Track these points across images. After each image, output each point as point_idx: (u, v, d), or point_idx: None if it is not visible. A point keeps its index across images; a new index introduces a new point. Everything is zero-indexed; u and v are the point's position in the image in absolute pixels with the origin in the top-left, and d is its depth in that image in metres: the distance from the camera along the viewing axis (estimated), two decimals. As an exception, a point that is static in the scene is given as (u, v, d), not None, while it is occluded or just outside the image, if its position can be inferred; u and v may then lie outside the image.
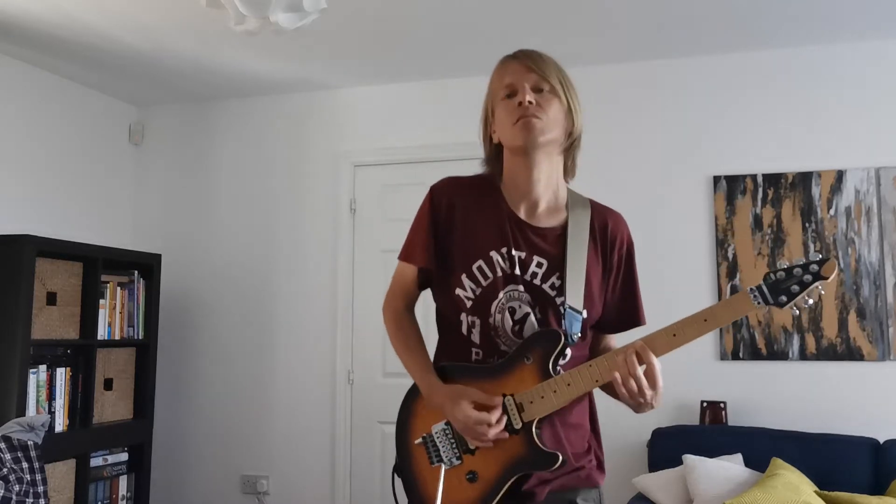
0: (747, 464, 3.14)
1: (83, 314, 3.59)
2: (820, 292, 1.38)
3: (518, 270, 1.54)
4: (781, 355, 3.50)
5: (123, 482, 3.82)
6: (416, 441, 1.55)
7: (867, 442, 3.16)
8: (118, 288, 3.79)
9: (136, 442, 3.86)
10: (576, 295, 1.52)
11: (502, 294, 1.53)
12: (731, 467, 3.07)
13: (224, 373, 4.27)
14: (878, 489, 3.05)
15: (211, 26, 3.38)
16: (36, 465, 2.94)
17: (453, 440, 1.51)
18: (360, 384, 4.05)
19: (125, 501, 3.82)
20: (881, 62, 3.55)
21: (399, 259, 1.67)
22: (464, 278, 1.55)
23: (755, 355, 3.53)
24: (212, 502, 4.19)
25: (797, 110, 3.62)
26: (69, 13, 3.29)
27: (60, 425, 3.45)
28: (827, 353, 3.45)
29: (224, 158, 4.44)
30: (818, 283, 1.37)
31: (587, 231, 1.57)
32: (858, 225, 3.48)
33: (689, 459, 3.11)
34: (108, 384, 3.73)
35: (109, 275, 3.74)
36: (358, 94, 4.24)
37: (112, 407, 3.75)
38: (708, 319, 1.40)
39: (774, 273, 1.39)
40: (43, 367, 3.37)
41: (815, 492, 2.89)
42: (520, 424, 1.46)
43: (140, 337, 3.90)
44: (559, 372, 1.48)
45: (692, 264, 3.66)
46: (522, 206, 1.58)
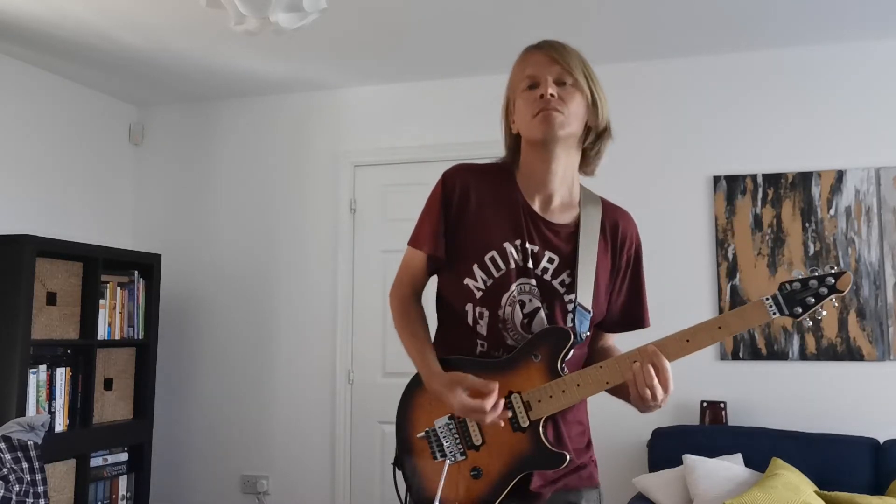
0: (747, 464, 3.14)
1: (83, 314, 3.59)
2: (833, 305, 1.39)
3: (531, 264, 1.52)
4: (781, 355, 3.50)
5: (123, 482, 3.82)
6: (419, 435, 1.53)
7: (867, 442, 3.16)
8: (118, 288, 3.79)
9: (136, 442, 3.86)
10: (586, 293, 1.51)
11: (514, 287, 1.51)
12: (731, 467, 3.07)
13: (224, 373, 4.27)
14: (878, 489, 3.05)
15: (211, 26, 3.38)
16: (36, 465, 2.94)
17: (457, 435, 1.50)
18: (360, 384, 4.05)
19: (125, 501, 3.82)
20: (881, 62, 3.55)
21: (408, 245, 1.62)
22: (475, 268, 1.53)
23: (755, 355, 3.53)
24: (212, 502, 4.19)
25: (797, 110, 3.62)
26: (69, 13, 3.29)
27: (60, 425, 3.45)
28: (827, 353, 3.45)
29: (224, 158, 4.45)
30: (833, 296, 1.37)
31: (598, 230, 1.56)
32: (858, 225, 3.48)
33: (689, 459, 3.11)
34: (108, 384, 3.73)
35: (109, 275, 3.74)
36: (358, 94, 4.24)
37: (112, 407, 3.75)
38: (722, 327, 1.40)
39: (790, 284, 1.39)
40: (43, 367, 3.37)
41: (815, 492, 2.89)
42: (527, 423, 1.45)
43: (140, 337, 3.90)
44: (565, 371, 1.47)
45: (692, 264, 3.66)
46: (537, 199, 1.57)
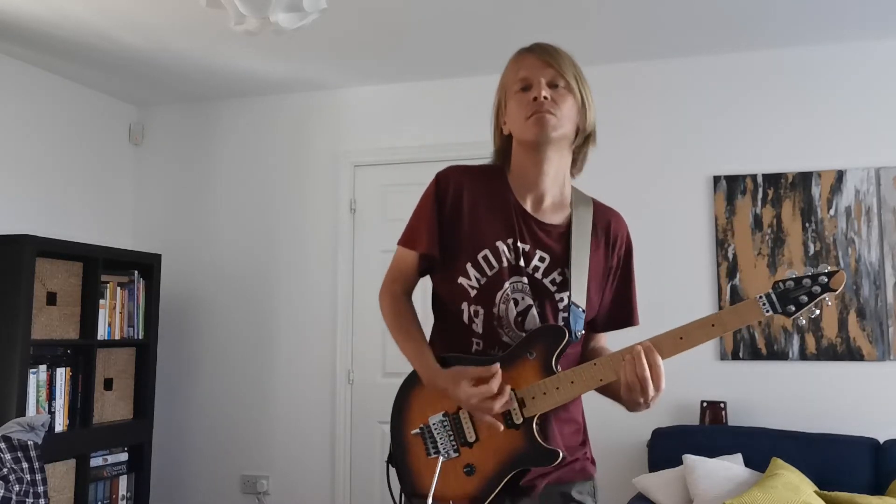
0: (747, 464, 3.14)
1: (83, 314, 3.59)
2: (826, 304, 1.39)
3: (522, 262, 1.54)
4: (781, 355, 3.50)
5: (123, 482, 3.82)
6: (413, 432, 1.54)
7: (867, 442, 3.16)
8: (118, 288, 3.79)
9: (136, 442, 3.86)
10: (579, 292, 1.53)
11: (507, 285, 1.53)
12: (731, 467, 3.07)
13: (224, 373, 4.27)
14: (878, 489, 3.05)
15: (211, 26, 3.38)
16: (36, 465, 2.94)
17: (451, 432, 1.51)
18: (360, 384, 4.05)
19: (125, 501, 3.82)
20: (882, 62, 3.55)
21: (399, 244, 1.63)
22: (468, 267, 1.54)
23: (755, 355, 3.53)
24: (212, 502, 4.19)
25: (797, 110, 3.62)
26: (69, 13, 3.29)
27: (60, 425, 3.45)
28: (827, 353, 3.45)
29: (224, 158, 4.45)
30: (826, 295, 1.38)
31: (589, 229, 1.58)
32: (858, 225, 3.48)
33: (689, 459, 3.11)
34: (108, 384, 3.73)
35: (109, 275, 3.74)
36: (358, 94, 4.24)
37: (112, 407, 3.75)
38: (716, 325, 1.41)
39: (784, 282, 1.40)
40: (43, 367, 3.37)
41: (815, 492, 2.89)
42: (520, 420, 1.46)
43: (140, 337, 3.90)
44: (559, 369, 1.48)
45: (692, 264, 3.66)
46: (529, 199, 1.58)
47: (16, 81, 3.82)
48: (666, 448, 3.31)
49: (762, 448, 3.18)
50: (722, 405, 3.42)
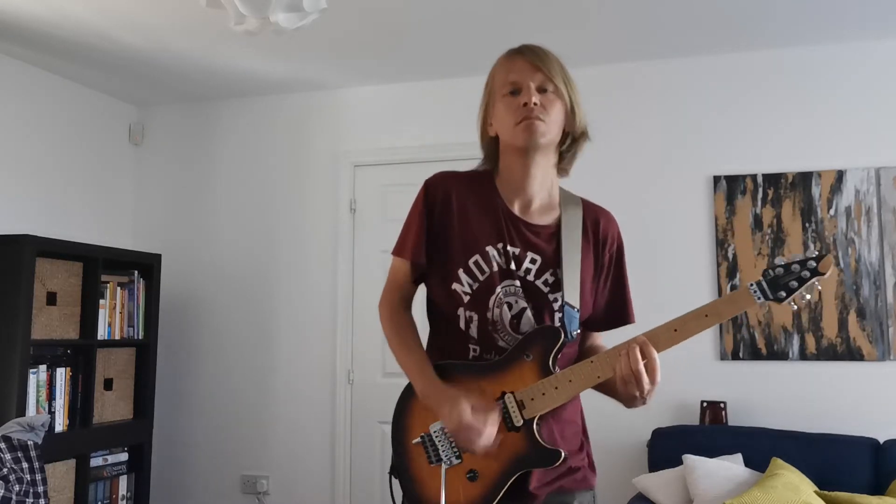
0: (747, 464, 3.14)
1: (83, 314, 3.59)
2: (818, 288, 1.40)
3: (513, 266, 1.54)
4: (781, 355, 3.50)
5: (123, 482, 3.82)
6: (415, 441, 1.53)
7: (867, 442, 3.16)
8: (118, 288, 3.79)
9: (136, 442, 3.86)
10: (572, 292, 1.53)
11: (499, 289, 1.53)
12: (731, 467, 3.07)
13: (224, 373, 4.27)
14: (878, 489, 3.05)
15: (211, 26, 3.38)
16: (36, 465, 2.94)
17: (452, 439, 1.50)
18: (360, 384, 4.05)
19: (125, 501, 3.82)
20: (881, 62, 3.55)
21: (392, 254, 1.65)
22: (460, 273, 1.55)
23: (755, 355, 3.53)
24: (212, 502, 4.19)
25: (797, 110, 3.62)
26: (69, 13, 3.29)
27: (60, 425, 3.45)
28: (827, 353, 3.45)
29: (224, 158, 4.45)
30: (816, 279, 1.39)
31: (580, 229, 1.58)
32: (858, 225, 3.48)
33: (689, 459, 3.11)
34: (108, 384, 3.73)
35: (109, 275, 3.74)
36: (358, 94, 4.24)
37: (112, 407, 3.75)
38: (709, 315, 1.42)
39: (773, 269, 1.42)
40: (43, 367, 3.37)
41: (815, 492, 2.89)
42: (521, 422, 1.46)
43: (140, 337, 3.90)
44: (557, 369, 1.48)
45: (692, 264, 3.66)
46: (517, 202, 1.59)
47: (16, 81, 3.82)
48: (666, 448, 3.31)
49: (762, 448, 3.18)
50: (722, 405, 3.43)
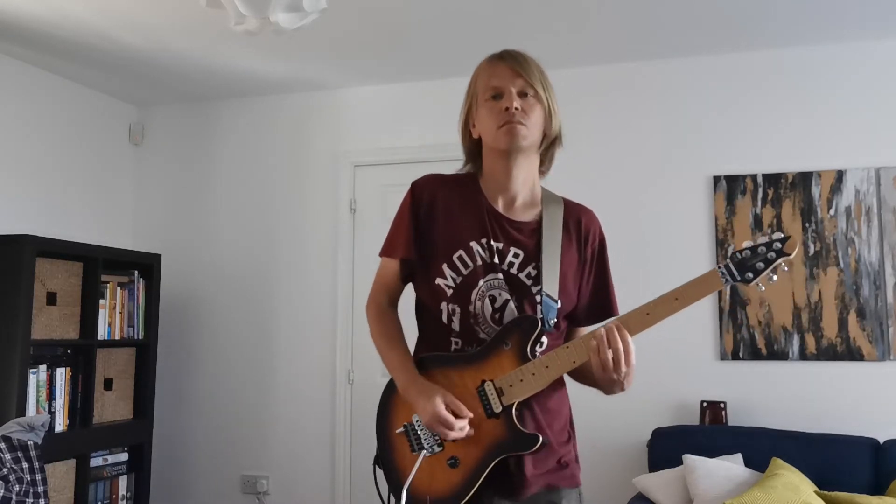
0: (747, 464, 3.14)
1: (83, 314, 3.59)
2: (783, 269, 1.47)
3: (497, 260, 1.59)
4: (781, 355, 3.50)
5: (123, 482, 3.82)
6: (398, 430, 1.59)
7: (867, 442, 3.16)
8: (118, 288, 3.79)
9: (136, 442, 3.86)
10: (551, 284, 1.58)
11: (482, 282, 1.59)
12: (731, 467, 3.07)
13: (224, 373, 4.27)
14: (878, 489, 3.05)
15: (211, 26, 3.38)
16: (36, 465, 2.94)
17: None
18: (360, 384, 4.05)
19: (125, 501, 3.82)
20: (881, 62, 3.55)
21: (380, 255, 1.72)
22: (444, 267, 1.60)
23: (755, 355, 3.53)
24: (212, 502, 4.19)
25: (797, 110, 3.62)
26: (69, 13, 3.29)
27: (60, 425, 3.45)
28: (827, 353, 3.45)
29: (224, 158, 4.45)
30: (781, 260, 1.46)
31: (560, 225, 1.64)
32: (858, 225, 3.48)
33: (689, 459, 3.11)
34: (108, 384, 3.73)
35: (109, 275, 3.74)
36: (358, 94, 4.24)
37: (112, 407, 3.75)
38: (679, 298, 1.48)
39: (741, 252, 1.49)
40: (43, 367, 3.37)
41: (815, 492, 2.89)
42: (500, 408, 1.51)
43: (140, 337, 3.90)
44: (533, 356, 1.52)
45: (692, 264, 3.65)
46: (500, 201, 1.65)
47: (16, 81, 3.82)
48: (666, 448, 3.31)
49: (762, 448, 3.18)
50: (722, 405, 3.42)
